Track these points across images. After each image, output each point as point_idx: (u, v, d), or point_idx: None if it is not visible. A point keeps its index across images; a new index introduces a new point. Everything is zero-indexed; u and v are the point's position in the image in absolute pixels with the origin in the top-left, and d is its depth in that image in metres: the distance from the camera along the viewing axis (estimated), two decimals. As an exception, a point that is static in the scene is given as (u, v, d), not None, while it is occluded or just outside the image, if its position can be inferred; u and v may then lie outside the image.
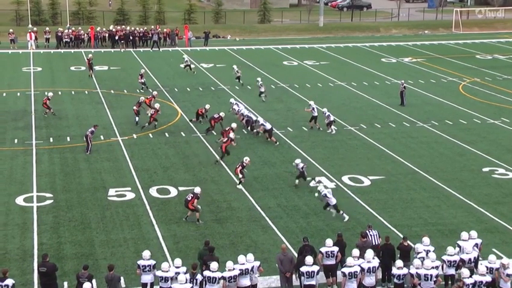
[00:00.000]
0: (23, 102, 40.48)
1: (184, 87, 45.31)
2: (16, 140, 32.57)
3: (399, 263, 18.88)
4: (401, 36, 72.34)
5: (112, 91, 43.56)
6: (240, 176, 27.46)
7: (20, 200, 25.79)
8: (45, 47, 58.96)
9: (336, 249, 19.56)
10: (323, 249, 19.56)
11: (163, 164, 30.28)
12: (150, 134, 34.23)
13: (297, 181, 27.77)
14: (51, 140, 33.02)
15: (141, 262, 18.62)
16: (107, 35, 60.92)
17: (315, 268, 18.54)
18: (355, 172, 29.62)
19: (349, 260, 18.54)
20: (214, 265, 18.14)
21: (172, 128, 35.71)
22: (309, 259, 18.56)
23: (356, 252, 18.99)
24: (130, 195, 26.64)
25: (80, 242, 22.60)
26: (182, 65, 49.46)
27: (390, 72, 51.43)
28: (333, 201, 24.46)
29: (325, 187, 25.64)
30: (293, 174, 28.86)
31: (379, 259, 19.17)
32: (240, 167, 27.55)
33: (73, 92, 42.99)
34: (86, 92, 43.51)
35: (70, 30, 60.56)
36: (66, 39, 59.54)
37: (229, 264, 18.29)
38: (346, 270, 18.37)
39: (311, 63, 55.53)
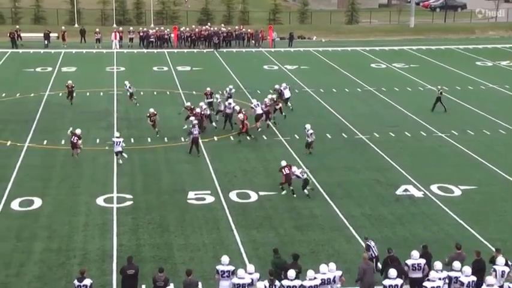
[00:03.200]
0: (106, 102, 41.68)
1: (267, 89, 45.42)
2: (98, 140, 33.56)
3: (490, 279, 18.29)
4: (499, 38, 70.25)
5: (194, 92, 44.25)
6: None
7: (100, 201, 26.54)
8: (128, 47, 60.56)
9: (422, 261, 19.17)
10: (409, 262, 19.21)
11: (243, 168, 30.52)
12: (231, 137, 34.55)
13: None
14: (132, 140, 33.83)
15: (219, 267, 18.76)
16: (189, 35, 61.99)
17: (399, 282, 18.20)
18: (444, 181, 28.95)
19: (433, 274, 18.14)
20: (291, 273, 18.10)
21: (254, 130, 35.91)
22: (392, 272, 18.24)
23: (439, 265, 18.55)
24: (209, 199, 26.97)
25: (159, 244, 23.05)
26: (128, 92, 41.03)
27: (485, 77, 50.00)
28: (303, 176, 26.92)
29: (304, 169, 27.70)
30: (379, 181, 28.58)
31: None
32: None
33: (155, 93, 43.94)
34: (168, 92, 44.40)
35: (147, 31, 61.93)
36: (151, 39, 60.97)
37: (310, 273, 18.20)
38: (428, 284, 17.94)
39: (400, 66, 54.71)
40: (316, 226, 24.67)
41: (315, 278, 18.11)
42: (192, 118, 33.48)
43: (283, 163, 27.75)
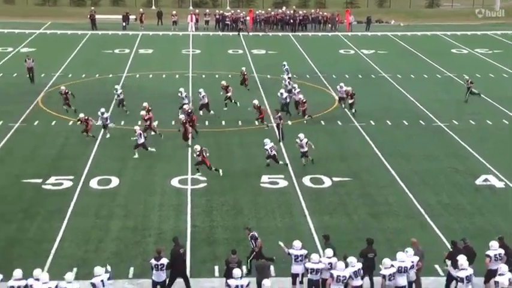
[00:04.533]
0: (182, 84, 42.28)
1: (342, 73, 45.27)
2: (173, 122, 34.17)
3: None
4: None
5: (268, 76, 44.46)
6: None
7: (175, 182, 27.10)
8: (204, 30, 61.22)
9: (502, 251, 18.86)
10: (491, 252, 18.88)
11: (317, 153, 30.52)
12: (305, 121, 34.59)
13: (268, 161, 28.53)
14: (206, 123, 34.30)
15: (292, 252, 18.94)
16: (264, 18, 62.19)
17: (470, 271, 17.91)
18: (527, 172, 28.26)
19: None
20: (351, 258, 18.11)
21: (329, 116, 35.88)
22: (463, 260, 17.94)
23: None
24: (283, 183, 27.16)
25: (232, 227, 23.41)
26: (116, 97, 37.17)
27: None
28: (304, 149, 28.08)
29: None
30: (458, 170, 28.18)
31: None
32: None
33: (230, 76, 44.33)
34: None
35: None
36: (227, 22, 61.51)
37: (387, 261, 18.14)
38: (500, 279, 17.56)
39: (483, 51, 53.44)
40: (391, 213, 24.55)
41: (391, 266, 18.04)
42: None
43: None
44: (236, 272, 17.41)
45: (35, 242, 22.01)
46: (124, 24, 61.59)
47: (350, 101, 36.05)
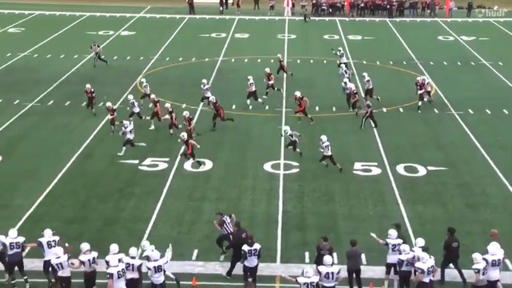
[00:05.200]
0: (276, 69, 42.30)
1: (440, 61, 44.11)
2: (267, 107, 34.22)
3: None
4: None
5: (364, 62, 43.84)
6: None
7: (267, 166, 27.16)
8: (300, 14, 60.96)
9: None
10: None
11: (412, 141, 29.93)
12: (401, 109, 33.92)
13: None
14: (300, 108, 34.15)
15: (390, 241, 18.54)
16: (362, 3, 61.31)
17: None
18: None
19: None
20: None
21: (425, 103, 35.01)
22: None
23: None
24: (376, 171, 26.75)
25: (323, 213, 23.26)
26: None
27: None
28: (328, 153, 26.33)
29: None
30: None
31: None
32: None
33: (325, 61, 43.99)
34: (338, 61, 44.22)
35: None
36: (324, 7, 61.08)
37: (477, 256, 17.52)
38: None
39: None
40: (489, 205, 23.76)
41: (483, 259, 17.40)
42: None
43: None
44: (327, 259, 17.26)
45: (130, 221, 22.57)
46: (221, 8, 62.15)
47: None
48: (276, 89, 36.09)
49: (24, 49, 46.11)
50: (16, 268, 18.50)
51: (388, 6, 60.52)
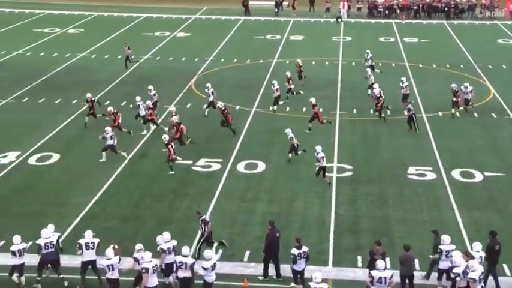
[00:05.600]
0: (330, 71, 42.22)
1: (499, 64, 43.31)
2: (321, 109, 34.12)
3: None
4: None
5: (420, 65, 43.34)
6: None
7: (320, 169, 27.08)
8: (356, 17, 60.61)
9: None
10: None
11: (468, 146, 29.46)
12: (458, 113, 33.37)
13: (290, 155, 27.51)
14: (354, 111, 33.99)
15: (443, 247, 18.25)
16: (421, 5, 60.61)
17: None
18: None
19: None
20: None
21: (483, 107, 34.43)
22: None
23: None
24: (431, 176, 26.41)
25: (376, 217, 23.08)
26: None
27: None
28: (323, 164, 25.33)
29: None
30: None
31: None
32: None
33: (380, 64, 43.61)
34: (393, 64, 43.91)
35: None
36: (380, 9, 60.64)
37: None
38: None
39: None
40: (547, 213, 23.23)
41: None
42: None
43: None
44: (380, 263, 17.13)
45: (184, 221, 22.79)
46: (276, 10, 62.25)
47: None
48: (295, 93, 35.88)
49: (82, 50, 47.05)
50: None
51: (445, 9, 59.64)
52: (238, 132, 31.02)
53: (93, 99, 32.05)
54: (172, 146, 26.71)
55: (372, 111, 33.58)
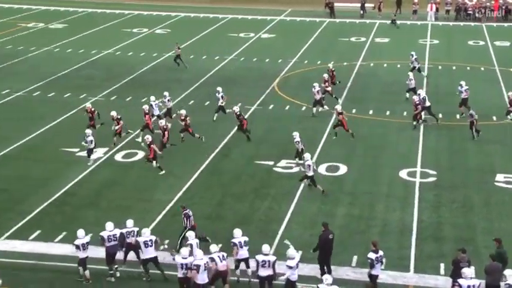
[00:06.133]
0: (416, 75, 41.42)
1: None
2: (405, 113, 33.57)
3: None
4: None
5: (511, 69, 42.04)
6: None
7: (403, 174, 26.66)
8: (444, 19, 59.38)
9: None
10: None
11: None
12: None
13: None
14: (440, 115, 33.25)
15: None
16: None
17: None
18: None
19: None
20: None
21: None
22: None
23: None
24: (520, 184, 25.62)
25: (461, 225, 22.54)
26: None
27: None
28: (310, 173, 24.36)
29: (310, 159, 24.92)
30: None
31: None
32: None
33: (468, 68, 42.59)
34: (482, 68, 42.78)
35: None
36: (469, 11, 59.23)
37: None
38: None
39: None
40: None
41: None
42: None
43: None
44: (467, 271, 16.67)
45: (264, 221, 22.88)
46: (362, 12, 61.70)
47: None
48: (333, 96, 35.31)
49: (169, 49, 47.86)
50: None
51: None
52: (321, 134, 30.89)
53: (93, 109, 30.66)
54: (152, 147, 26.70)
55: (458, 116, 32.82)
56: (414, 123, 31.59)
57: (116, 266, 19.42)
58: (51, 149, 29.12)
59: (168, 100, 32.46)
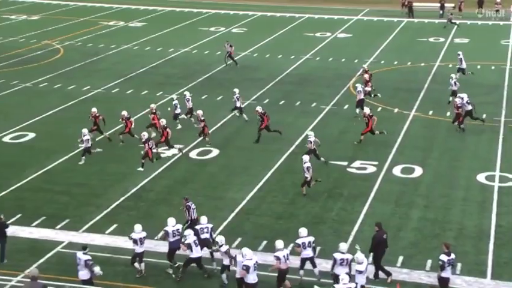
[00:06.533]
0: (496, 76, 40.43)
1: None
2: (484, 115, 32.72)
3: None
4: None
5: None
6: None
7: (481, 177, 26.00)
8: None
9: None
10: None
11: None
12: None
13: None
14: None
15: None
16: None
17: None
18: None
19: None
20: None
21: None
22: None
23: None
24: None
25: (541, 232, 21.83)
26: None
27: None
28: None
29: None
30: None
31: None
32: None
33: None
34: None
35: None
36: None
37: None
38: None
39: None
40: None
41: None
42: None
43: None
44: None
45: (337, 222, 22.72)
46: (441, 12, 60.50)
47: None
48: (373, 95, 34.79)
49: (245, 48, 48.18)
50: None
51: None
52: (395, 136, 30.46)
53: (97, 114, 30.15)
54: (149, 145, 26.91)
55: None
56: (462, 126, 30.79)
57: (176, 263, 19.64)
58: (128, 145, 29.67)
59: (188, 100, 32.53)
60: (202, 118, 29.60)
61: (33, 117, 32.78)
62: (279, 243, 18.28)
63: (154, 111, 30.81)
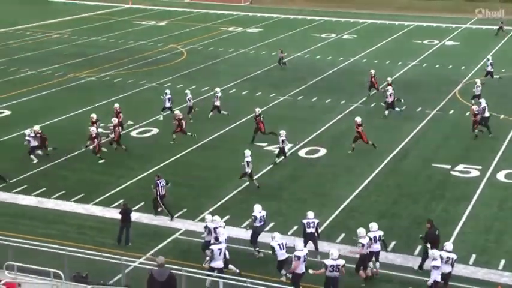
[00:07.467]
0: None
1: None
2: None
3: None
4: None
5: None
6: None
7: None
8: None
9: None
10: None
11: None
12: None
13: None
14: None
15: None
16: None
17: None
18: None
19: None
20: None
21: None
22: None
23: None
24: None
25: None
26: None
27: None
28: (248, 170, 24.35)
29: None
30: None
31: None
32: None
33: None
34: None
35: None
36: None
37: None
38: None
39: None
40: None
41: None
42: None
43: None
44: None
45: (438, 224, 21.90)
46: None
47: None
48: (396, 98, 33.33)
49: (354, 54, 47.66)
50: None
51: None
52: (501, 141, 29.26)
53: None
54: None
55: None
56: (476, 132, 29.52)
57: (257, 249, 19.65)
58: (238, 142, 29.75)
59: (189, 99, 32.94)
60: (181, 117, 29.79)
61: (157, 114, 33.75)
62: (300, 243, 17.85)
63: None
